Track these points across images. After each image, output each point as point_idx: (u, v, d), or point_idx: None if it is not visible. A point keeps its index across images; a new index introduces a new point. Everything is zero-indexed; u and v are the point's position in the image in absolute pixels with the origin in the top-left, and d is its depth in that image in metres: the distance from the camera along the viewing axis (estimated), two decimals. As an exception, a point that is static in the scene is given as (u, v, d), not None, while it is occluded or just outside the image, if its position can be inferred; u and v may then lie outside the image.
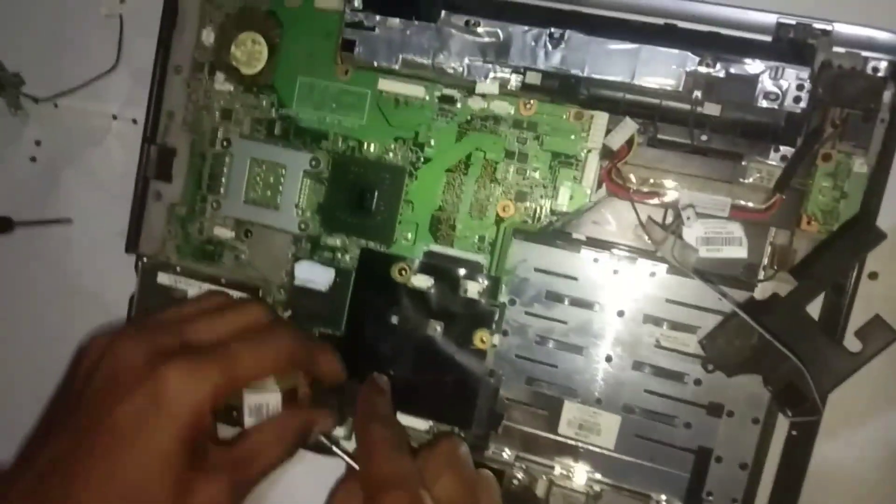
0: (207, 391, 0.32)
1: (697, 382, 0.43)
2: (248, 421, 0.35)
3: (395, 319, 0.45)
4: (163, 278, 0.48)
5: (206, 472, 0.32)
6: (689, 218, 0.39)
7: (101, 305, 0.52)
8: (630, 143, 0.41)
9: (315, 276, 0.46)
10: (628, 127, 0.40)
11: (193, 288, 0.48)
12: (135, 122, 0.52)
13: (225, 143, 0.47)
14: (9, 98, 0.52)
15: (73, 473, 0.30)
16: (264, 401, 0.35)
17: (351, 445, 0.42)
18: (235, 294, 0.46)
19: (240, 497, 0.34)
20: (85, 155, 0.53)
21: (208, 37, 0.47)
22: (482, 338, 0.44)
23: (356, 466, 0.36)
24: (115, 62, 0.51)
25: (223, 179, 0.47)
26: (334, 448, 0.38)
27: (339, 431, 0.44)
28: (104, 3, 0.51)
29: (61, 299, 0.54)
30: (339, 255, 0.46)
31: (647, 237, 0.41)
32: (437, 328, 0.45)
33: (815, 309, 0.41)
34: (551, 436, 0.44)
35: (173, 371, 0.31)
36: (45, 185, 0.54)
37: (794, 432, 0.41)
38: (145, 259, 0.49)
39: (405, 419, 0.45)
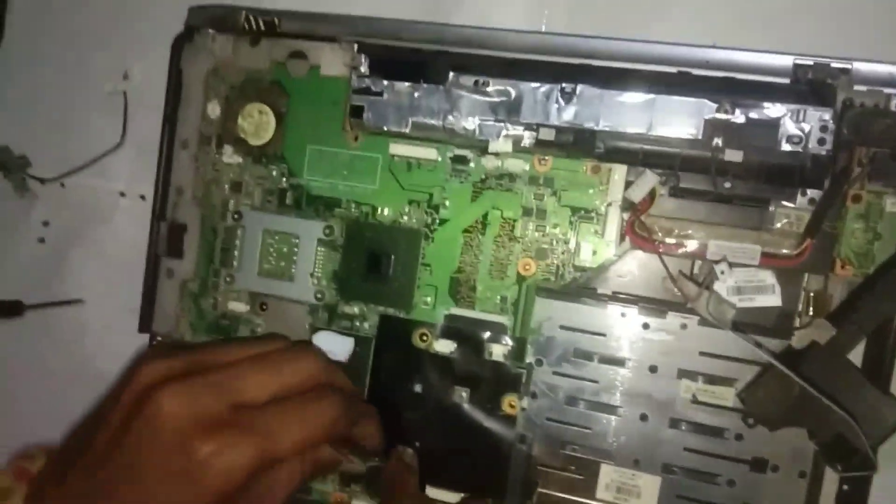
0: (244, 465, 0.31)
1: (739, 437, 0.41)
2: None
3: (418, 387, 0.44)
4: (178, 357, 0.47)
5: None
6: (722, 272, 0.38)
7: (116, 386, 0.51)
8: (652, 194, 0.40)
9: (334, 346, 0.45)
10: (649, 179, 0.39)
11: (210, 365, 0.46)
12: (143, 198, 0.51)
13: (236, 216, 0.46)
14: (15, 181, 0.52)
15: None
16: None
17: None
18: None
19: None
20: (94, 233, 0.52)
21: (214, 110, 0.46)
22: (510, 402, 0.43)
23: None
24: (120, 139, 0.51)
25: (236, 253, 0.47)
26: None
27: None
28: (107, 80, 0.51)
29: (76, 382, 0.52)
30: (357, 324, 0.45)
31: (679, 293, 0.40)
32: (462, 394, 0.43)
33: (857, 356, 0.39)
34: (589, 501, 0.43)
35: (214, 445, 0.31)
36: (54, 266, 0.53)
37: (845, 486, 0.39)
38: (159, 338, 0.48)
39: (434, 492, 0.43)
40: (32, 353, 0.53)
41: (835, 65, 0.39)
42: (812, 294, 0.40)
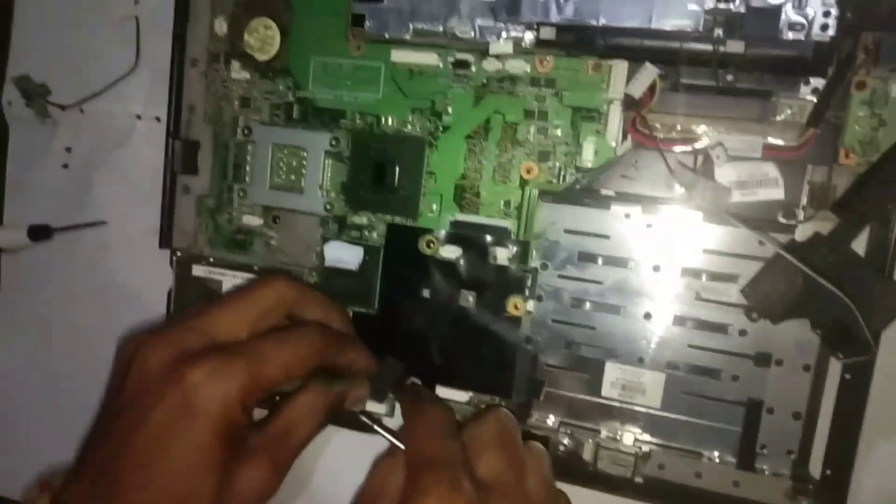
0: (235, 389, 0.32)
1: (742, 333, 0.41)
2: None
3: (426, 293, 0.45)
4: (197, 270, 0.49)
5: (246, 459, 0.33)
6: (718, 157, 0.38)
7: (141, 302, 0.53)
8: (652, 89, 0.40)
9: (344, 255, 0.46)
10: (649, 72, 0.39)
11: (227, 278, 0.48)
12: (158, 119, 0.52)
13: (246, 132, 0.47)
14: (37, 107, 0.53)
15: (119, 479, 0.31)
16: None
17: (391, 423, 0.42)
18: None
19: (282, 473, 0.34)
20: (114, 157, 0.54)
21: (221, 27, 0.47)
22: (516, 304, 0.44)
23: (400, 445, 0.35)
24: (134, 63, 0.52)
25: (247, 168, 0.48)
26: (376, 427, 0.38)
27: (380, 408, 0.44)
28: (119, 6, 0.52)
29: (102, 300, 0.55)
30: (366, 233, 0.46)
31: (677, 183, 0.40)
32: (469, 298, 0.44)
33: (860, 245, 0.39)
34: (595, 399, 0.44)
35: (199, 373, 0.32)
36: (78, 191, 0.55)
37: (847, 376, 0.39)
38: (179, 253, 0.49)
39: (444, 392, 0.45)
40: (62, 273, 0.56)
41: (840, -53, 0.38)
42: (815, 185, 0.39)
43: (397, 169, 0.45)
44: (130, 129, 0.53)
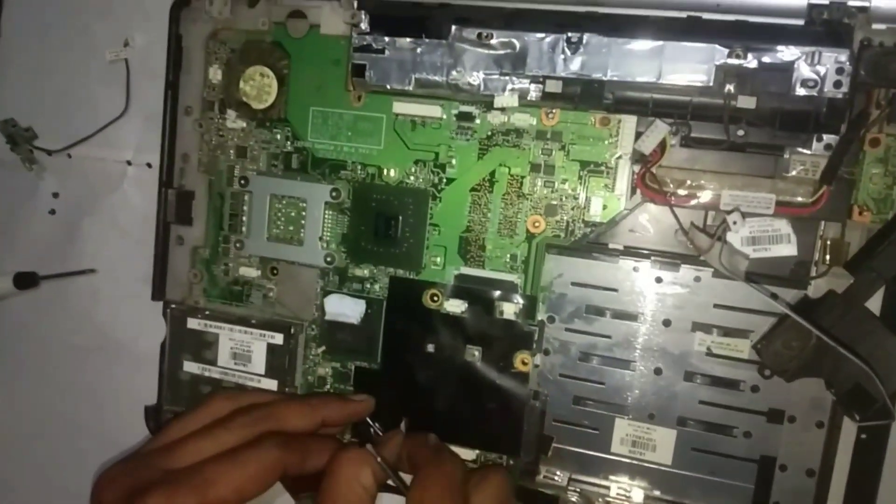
0: None
1: (755, 389, 0.41)
2: None
3: (431, 347, 0.44)
4: (192, 323, 0.47)
5: None
6: (735, 223, 0.37)
7: (134, 355, 0.51)
8: (663, 145, 0.39)
9: (345, 309, 0.45)
10: (660, 129, 0.38)
11: (224, 331, 0.47)
12: (150, 165, 0.51)
13: (242, 182, 0.46)
14: (23, 153, 0.52)
15: None
16: None
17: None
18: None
19: None
20: (103, 203, 0.52)
21: (216, 74, 0.46)
22: (523, 360, 0.43)
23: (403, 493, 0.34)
24: (124, 107, 0.51)
25: (244, 218, 0.46)
26: (385, 467, 0.36)
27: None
28: (109, 49, 0.50)
29: (93, 352, 0.53)
30: (368, 286, 0.45)
31: (690, 245, 0.39)
32: (475, 353, 0.43)
33: (875, 304, 0.39)
34: (604, 455, 0.43)
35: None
36: (66, 237, 0.53)
37: (863, 435, 0.39)
38: (173, 305, 0.48)
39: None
40: (49, 323, 0.54)
41: (852, 3, 0.37)
42: (829, 242, 0.39)
43: (400, 220, 0.44)
44: (120, 175, 0.52)
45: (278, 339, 0.46)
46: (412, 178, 0.44)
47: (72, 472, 0.34)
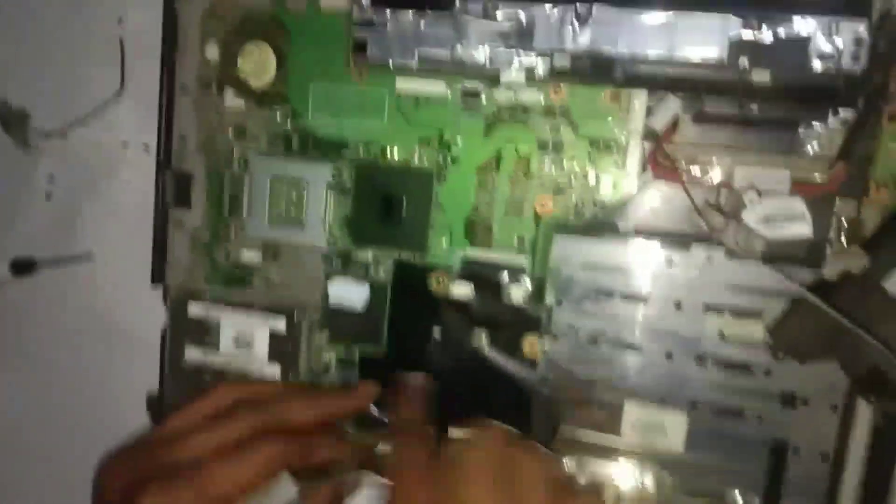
0: None
1: (767, 372, 0.40)
2: None
3: (437, 332, 0.43)
4: (193, 308, 0.46)
5: None
6: (751, 201, 0.36)
7: (134, 341, 0.50)
8: (675, 121, 0.38)
9: (349, 293, 0.44)
10: (672, 105, 0.37)
11: (226, 316, 0.46)
12: (147, 147, 0.50)
13: (242, 163, 0.45)
14: (16, 135, 0.50)
15: None
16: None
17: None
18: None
19: None
20: (100, 186, 0.51)
21: (212, 52, 0.45)
22: (531, 344, 0.42)
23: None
24: (120, 87, 0.49)
25: (244, 200, 0.45)
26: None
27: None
28: (102, 27, 0.49)
29: (92, 338, 0.52)
30: (372, 270, 0.44)
31: (704, 225, 0.38)
32: (482, 338, 0.42)
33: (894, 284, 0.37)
34: (615, 440, 0.42)
35: (151, 496, 0.31)
36: (63, 222, 0.52)
37: (880, 419, 0.38)
38: (173, 290, 0.47)
39: (457, 436, 0.43)
40: (48, 309, 0.53)
41: (871, -28, 0.36)
42: (845, 220, 0.38)
43: (404, 202, 0.43)
44: (117, 158, 0.50)
45: (281, 324, 0.45)
46: (416, 157, 0.43)
47: (73, 462, 0.33)
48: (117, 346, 0.51)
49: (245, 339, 0.46)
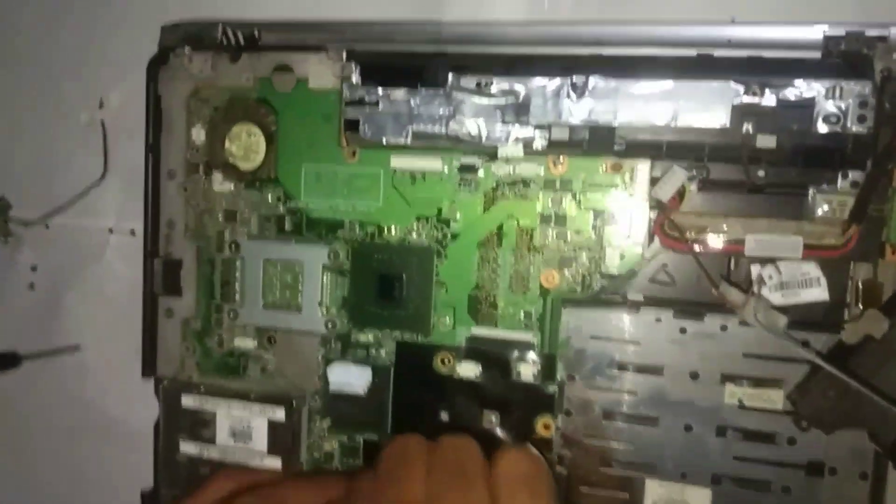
0: None
1: (791, 441, 0.38)
2: None
3: (445, 416, 0.41)
4: (187, 400, 0.44)
5: None
6: (770, 276, 0.35)
7: (126, 435, 0.48)
8: (681, 191, 0.37)
9: (350, 378, 0.42)
10: (678, 175, 0.36)
11: (222, 407, 0.44)
12: (133, 233, 0.48)
13: (233, 247, 0.43)
14: (-3, 225, 0.49)
15: None
16: None
17: None
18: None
19: None
20: (85, 274, 0.50)
21: (199, 135, 0.43)
22: (545, 424, 0.40)
23: None
24: (103, 172, 0.48)
25: (237, 286, 0.44)
26: None
27: None
28: (83, 110, 0.48)
29: (83, 432, 0.50)
30: (373, 352, 0.42)
31: (725, 302, 0.36)
32: (492, 419, 0.41)
33: (917, 348, 0.36)
34: (636, 520, 0.40)
35: None
36: (47, 312, 0.50)
37: (914, 487, 0.37)
38: (165, 382, 0.45)
39: None
40: (34, 404, 0.51)
41: (869, 32, 0.35)
42: (861, 284, 0.37)
43: (404, 281, 0.41)
44: (103, 244, 0.49)
45: (280, 413, 0.43)
46: (415, 234, 0.41)
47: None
48: (109, 440, 0.49)
49: (242, 431, 0.44)
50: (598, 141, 0.37)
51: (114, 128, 0.48)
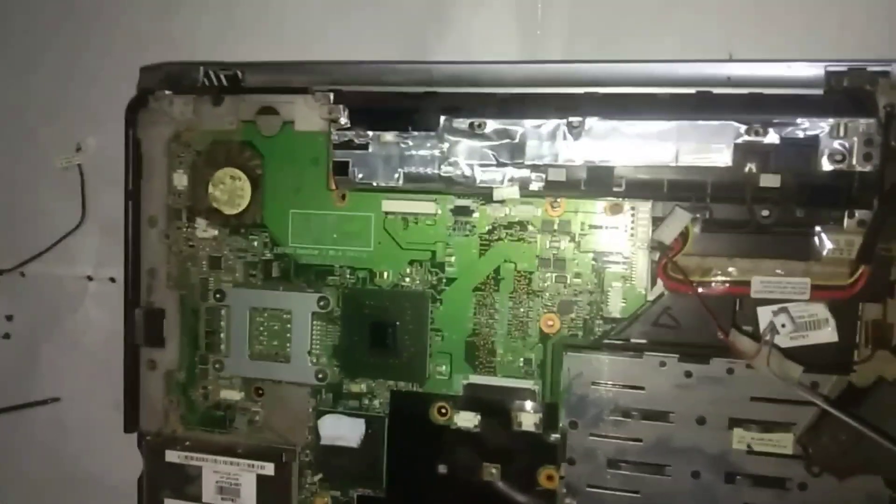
0: None
1: (802, 487, 0.37)
2: None
3: (443, 468, 0.40)
4: (171, 456, 0.43)
5: None
6: (783, 325, 0.34)
7: (108, 490, 0.46)
8: (684, 233, 0.36)
9: (343, 430, 0.41)
10: (680, 217, 0.35)
11: (208, 463, 0.42)
12: (113, 280, 0.46)
13: (218, 296, 0.42)
14: (-31, 275, 0.47)
15: None
16: None
17: None
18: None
19: None
20: (63, 324, 0.48)
21: (181, 180, 0.42)
22: (548, 475, 0.39)
23: None
24: (80, 218, 0.46)
25: (222, 336, 0.42)
26: None
27: None
28: (59, 155, 0.46)
29: (62, 489, 0.48)
30: (367, 403, 0.41)
31: (736, 352, 0.35)
32: (493, 472, 0.39)
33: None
34: (646, 572, 0.38)
35: None
36: (24, 363, 0.48)
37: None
38: (149, 437, 0.43)
39: (475, 581, 0.39)
40: (11, 460, 0.49)
41: (872, 68, 0.35)
42: (870, 324, 0.36)
43: (398, 328, 0.40)
44: (81, 293, 0.47)
45: (269, 468, 0.41)
46: (408, 279, 0.40)
47: None
48: (89, 494, 0.47)
49: (230, 487, 0.42)
50: (597, 182, 0.36)
51: (92, 172, 0.47)
